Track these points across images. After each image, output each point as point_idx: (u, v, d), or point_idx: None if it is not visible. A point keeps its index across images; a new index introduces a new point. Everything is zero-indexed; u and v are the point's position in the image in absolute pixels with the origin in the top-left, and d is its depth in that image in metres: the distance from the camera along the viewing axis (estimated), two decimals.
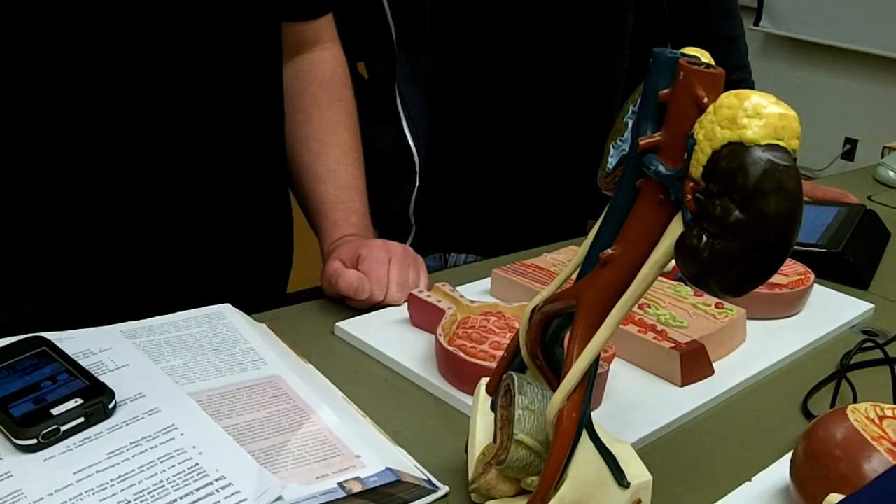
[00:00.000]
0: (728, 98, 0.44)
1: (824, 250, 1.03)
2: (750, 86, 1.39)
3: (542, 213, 1.27)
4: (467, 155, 1.23)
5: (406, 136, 1.17)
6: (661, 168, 0.47)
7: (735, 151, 0.43)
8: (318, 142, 0.99)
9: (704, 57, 0.48)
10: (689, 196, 0.45)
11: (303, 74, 1.00)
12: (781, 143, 0.43)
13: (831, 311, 0.92)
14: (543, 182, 1.26)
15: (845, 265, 1.02)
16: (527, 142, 1.23)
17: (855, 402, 0.74)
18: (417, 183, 1.19)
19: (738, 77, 1.34)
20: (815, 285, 0.94)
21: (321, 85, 1.01)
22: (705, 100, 0.45)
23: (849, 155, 3.80)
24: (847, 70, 3.74)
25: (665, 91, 0.47)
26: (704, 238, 0.45)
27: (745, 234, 0.43)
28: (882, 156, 1.62)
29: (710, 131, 0.44)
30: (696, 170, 0.45)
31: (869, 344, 0.82)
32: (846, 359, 0.80)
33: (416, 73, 1.16)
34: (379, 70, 1.23)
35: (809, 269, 0.94)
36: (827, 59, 3.79)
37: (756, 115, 0.43)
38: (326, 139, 0.99)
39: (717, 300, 0.85)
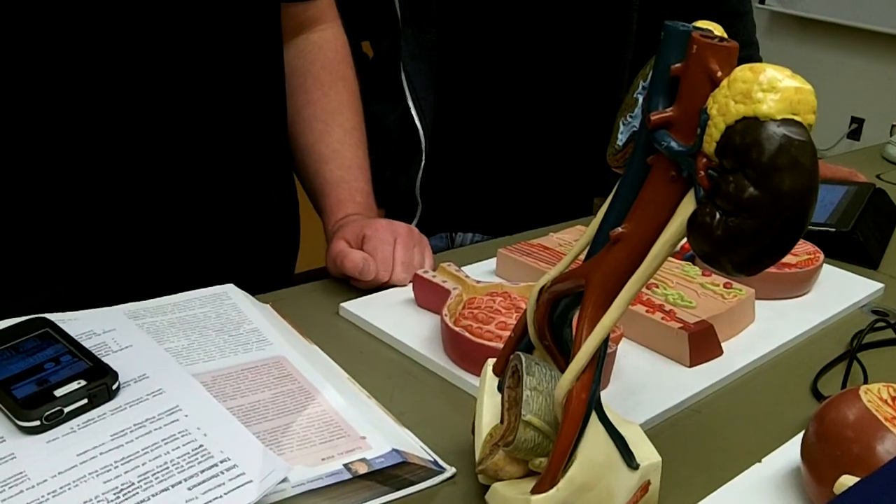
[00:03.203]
0: (742, 72, 0.43)
1: (833, 230, 1.02)
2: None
3: (549, 191, 1.26)
4: (474, 132, 1.23)
5: (412, 114, 1.16)
6: (673, 144, 0.46)
7: (749, 126, 0.42)
8: (321, 122, 0.98)
9: (717, 30, 0.47)
10: (702, 172, 0.44)
11: (304, 55, 0.99)
12: (797, 118, 0.42)
13: (841, 290, 0.91)
14: (551, 159, 1.25)
15: (855, 244, 1.01)
16: (534, 118, 1.22)
17: (866, 382, 0.73)
18: (424, 161, 1.18)
19: (747, 54, 1.32)
20: (825, 265, 0.93)
21: (323, 66, 1.00)
22: (719, 74, 0.44)
23: (855, 134, 3.78)
24: (853, 48, 3.71)
25: (677, 65, 0.46)
26: (717, 216, 0.44)
27: (759, 211, 0.42)
28: (891, 134, 1.60)
29: (724, 106, 0.43)
30: (710, 146, 0.44)
31: (880, 324, 0.81)
32: (857, 339, 0.80)
33: (422, 50, 1.14)
34: (384, 49, 1.22)
35: (819, 249, 0.93)
36: (832, 38, 3.76)
37: (771, 90, 0.42)
38: (329, 119, 0.98)
39: (725, 280, 0.84)
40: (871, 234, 1.04)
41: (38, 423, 0.55)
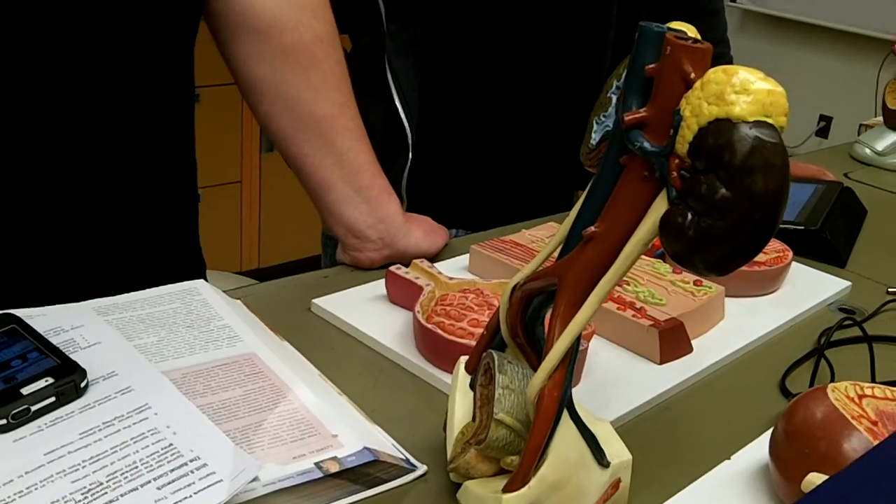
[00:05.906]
0: (716, 73, 0.43)
1: (802, 228, 1.03)
2: (729, 61, 1.38)
3: (537, 185, 1.27)
4: (459, 127, 1.22)
5: (397, 110, 1.15)
6: (647, 144, 0.46)
7: (722, 128, 0.42)
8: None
9: (691, 31, 0.47)
10: (675, 173, 0.45)
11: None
12: (769, 120, 0.42)
13: (809, 288, 0.92)
14: (535, 154, 1.25)
15: (823, 243, 1.02)
16: (517, 113, 1.22)
17: (833, 380, 0.74)
18: (410, 157, 1.17)
19: (718, 52, 1.33)
20: (793, 263, 0.94)
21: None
22: (692, 75, 0.44)
23: (823, 132, 3.82)
24: (822, 47, 3.75)
25: (651, 66, 0.46)
26: (690, 216, 0.44)
27: (731, 212, 0.42)
28: (859, 133, 1.62)
29: (697, 107, 0.43)
30: (682, 146, 0.44)
31: (847, 322, 0.82)
32: (825, 336, 0.81)
33: (406, 46, 1.14)
34: (364, 44, 1.21)
35: (787, 247, 0.94)
36: (803, 36, 3.80)
37: (744, 91, 0.42)
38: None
39: (695, 277, 0.84)
40: (839, 233, 1.05)
41: (4, 421, 0.54)
